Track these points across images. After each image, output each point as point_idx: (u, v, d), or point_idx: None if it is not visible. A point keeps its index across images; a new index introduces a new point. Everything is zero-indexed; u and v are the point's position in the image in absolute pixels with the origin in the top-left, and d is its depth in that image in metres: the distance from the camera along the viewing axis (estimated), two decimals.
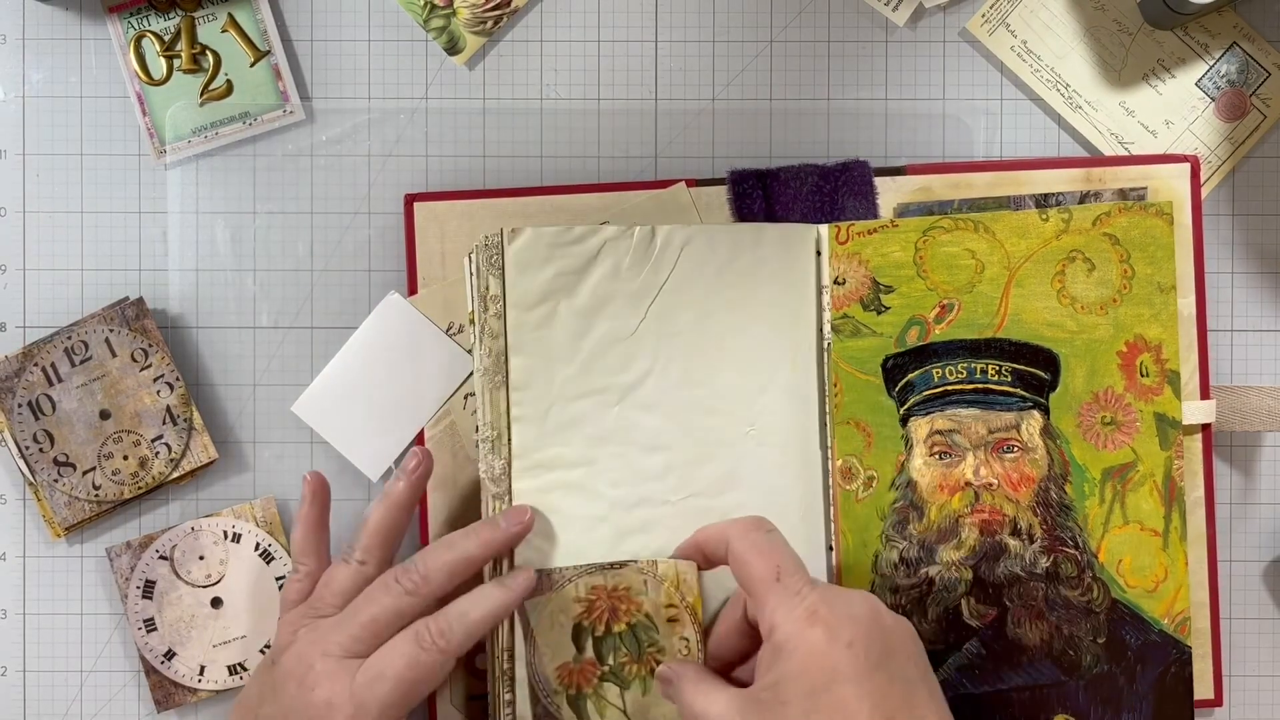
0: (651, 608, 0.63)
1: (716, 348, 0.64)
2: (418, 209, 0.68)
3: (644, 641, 0.63)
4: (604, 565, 0.63)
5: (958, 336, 0.64)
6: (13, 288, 0.70)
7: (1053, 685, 0.63)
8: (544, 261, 0.63)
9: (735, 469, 0.64)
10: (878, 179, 0.67)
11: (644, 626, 0.63)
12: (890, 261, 0.65)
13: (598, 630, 0.63)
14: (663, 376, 0.64)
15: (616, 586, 0.63)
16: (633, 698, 0.63)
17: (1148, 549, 0.63)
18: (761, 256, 0.65)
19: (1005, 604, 0.63)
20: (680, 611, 0.63)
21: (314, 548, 0.64)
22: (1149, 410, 0.63)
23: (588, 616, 0.63)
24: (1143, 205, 0.64)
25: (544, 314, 0.63)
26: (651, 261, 0.64)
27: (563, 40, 0.70)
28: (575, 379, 0.63)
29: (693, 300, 0.64)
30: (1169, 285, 0.63)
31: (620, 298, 0.64)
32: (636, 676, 0.63)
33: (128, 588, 0.68)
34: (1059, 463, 0.63)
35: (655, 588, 0.63)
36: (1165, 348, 0.63)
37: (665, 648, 0.63)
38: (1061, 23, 0.69)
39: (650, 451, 0.64)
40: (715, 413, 0.64)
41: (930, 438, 0.64)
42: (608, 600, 0.63)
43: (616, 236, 0.63)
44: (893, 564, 0.64)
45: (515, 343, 0.63)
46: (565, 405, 0.63)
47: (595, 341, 0.63)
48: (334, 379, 0.69)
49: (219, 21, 0.69)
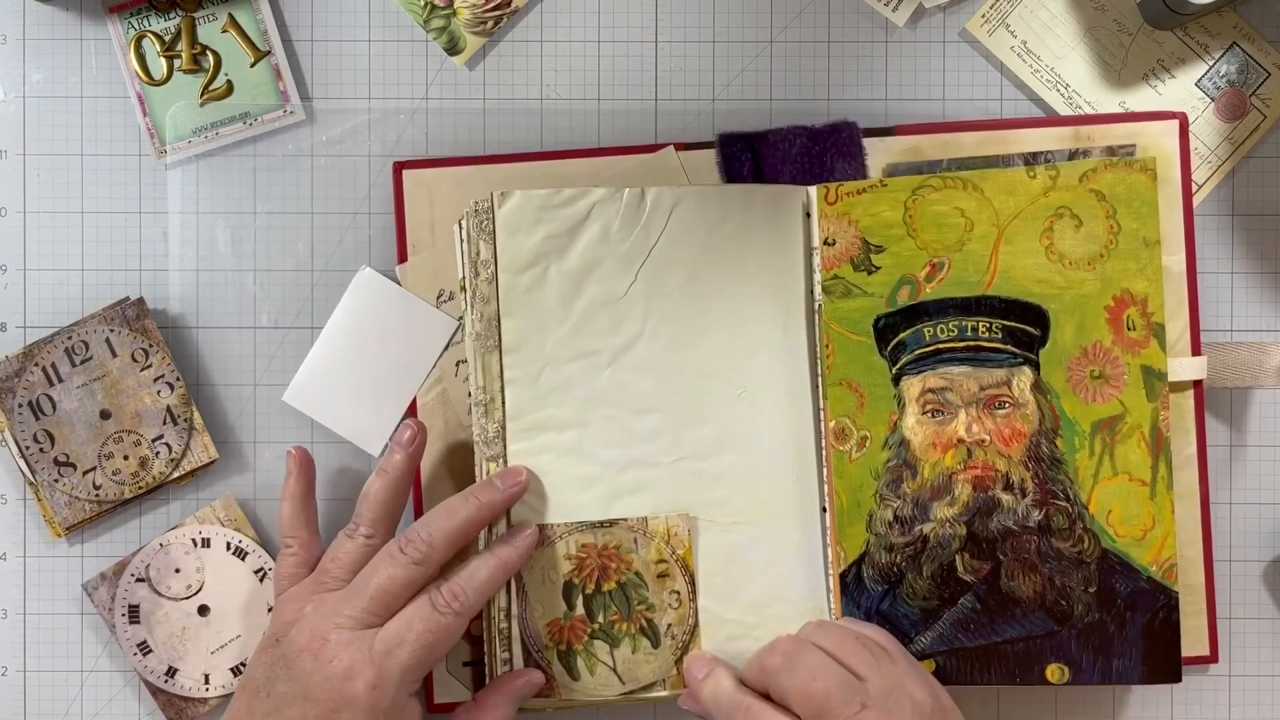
0: (641, 565, 0.64)
1: (707, 310, 0.65)
2: (406, 176, 0.68)
3: (634, 600, 0.64)
4: (594, 524, 0.64)
5: (948, 295, 0.65)
6: (13, 288, 0.70)
7: (1045, 635, 0.64)
8: (534, 224, 0.64)
9: (727, 431, 0.65)
10: (867, 140, 0.68)
11: (634, 584, 0.64)
12: (880, 221, 0.65)
13: (588, 588, 0.64)
14: (653, 339, 0.65)
15: (606, 545, 0.64)
16: (622, 655, 0.64)
17: (1136, 499, 0.64)
18: (751, 218, 0.65)
19: (999, 558, 0.64)
20: (671, 565, 0.64)
21: (304, 521, 0.65)
22: (1136, 363, 0.64)
23: (578, 574, 0.64)
24: (1127, 161, 0.64)
25: (535, 277, 0.64)
26: (641, 224, 0.64)
27: (563, 40, 0.70)
28: (566, 341, 0.64)
29: (683, 262, 0.65)
30: (1154, 240, 0.64)
31: (610, 260, 0.64)
32: (626, 634, 0.64)
33: (113, 618, 0.68)
34: (1049, 417, 0.64)
35: (645, 545, 0.64)
36: (1151, 301, 0.64)
37: (655, 604, 0.64)
38: (1061, 23, 0.69)
39: (642, 414, 0.65)
40: (706, 375, 0.65)
41: (922, 396, 0.65)
42: (598, 559, 0.64)
43: (606, 199, 0.64)
44: (887, 522, 0.65)
45: (506, 306, 0.64)
46: (557, 367, 0.64)
47: (586, 304, 0.64)
48: (320, 362, 0.69)
49: (219, 21, 0.69)
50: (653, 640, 0.64)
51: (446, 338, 0.69)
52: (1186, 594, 0.67)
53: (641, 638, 0.64)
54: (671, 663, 0.64)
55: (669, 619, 0.64)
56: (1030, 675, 0.64)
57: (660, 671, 0.64)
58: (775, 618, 0.64)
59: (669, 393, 0.65)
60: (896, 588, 0.65)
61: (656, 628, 0.64)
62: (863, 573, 0.65)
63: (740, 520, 0.65)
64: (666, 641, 0.64)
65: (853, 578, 0.65)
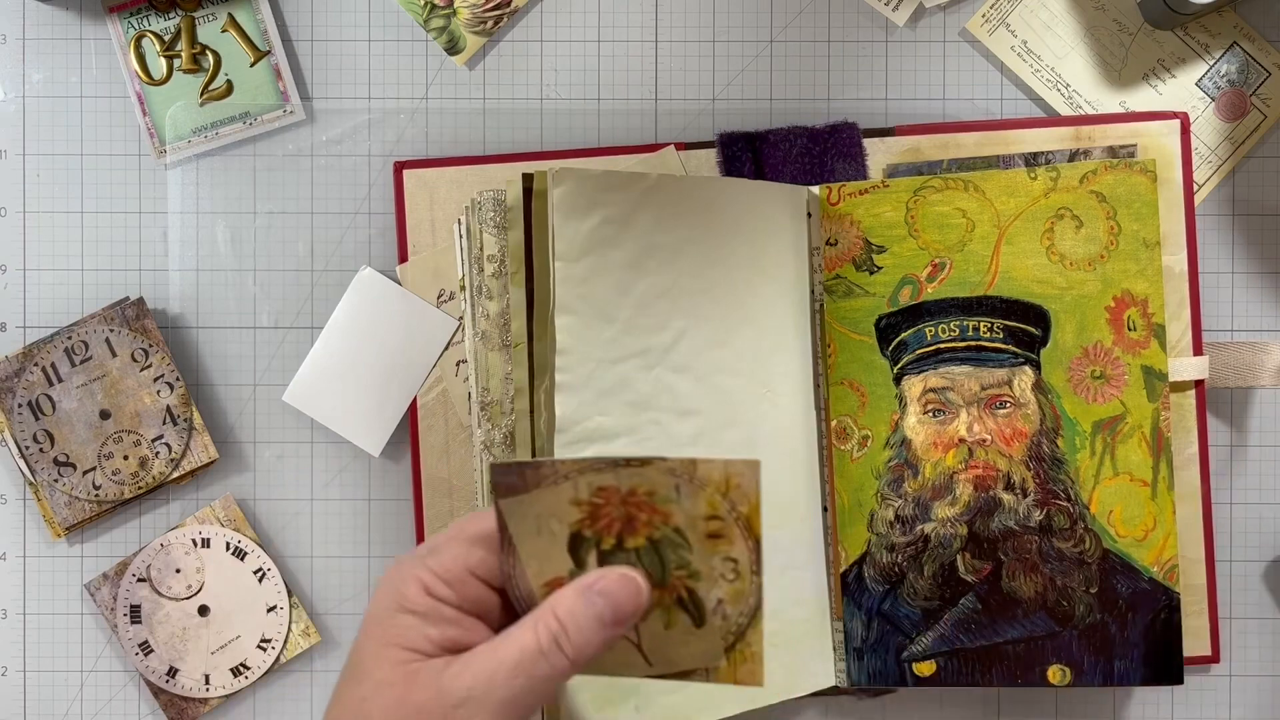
0: (684, 519, 0.49)
1: (737, 308, 0.63)
2: (406, 176, 0.68)
3: (670, 561, 0.49)
4: (617, 461, 0.48)
5: (950, 295, 0.65)
6: (13, 288, 0.70)
7: (1047, 636, 0.64)
8: (589, 208, 0.58)
9: (753, 431, 0.63)
10: (867, 140, 0.68)
11: (671, 543, 0.49)
12: (882, 221, 0.65)
13: (604, 542, 0.49)
14: (694, 337, 0.62)
15: (635, 490, 0.49)
16: (651, 629, 0.49)
17: (1137, 499, 0.64)
18: (770, 213, 0.64)
19: (1000, 558, 0.64)
20: (728, 525, 0.49)
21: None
22: (1136, 363, 0.64)
23: (591, 524, 0.49)
24: (1127, 163, 0.64)
25: (590, 266, 0.58)
26: (685, 213, 0.61)
27: (563, 40, 0.70)
28: (617, 340, 0.60)
29: (718, 256, 0.63)
30: (1154, 241, 0.64)
31: (661, 251, 0.61)
32: (658, 605, 0.49)
33: (115, 618, 0.68)
34: (1050, 417, 0.64)
35: (692, 495, 0.48)
36: (1151, 302, 0.64)
37: (701, 571, 0.49)
38: (1062, 23, 0.69)
39: (683, 416, 0.62)
40: (737, 374, 0.63)
41: (924, 396, 0.65)
42: (620, 506, 0.49)
43: (657, 185, 0.60)
44: (888, 522, 0.65)
45: (563, 301, 0.58)
46: (607, 369, 0.60)
47: (638, 298, 0.60)
48: (320, 362, 0.69)
49: (219, 21, 0.69)
50: (694, 617, 0.49)
51: (446, 338, 0.68)
52: (1188, 594, 0.67)
53: (679, 611, 0.49)
54: (720, 649, 0.49)
55: (720, 593, 0.49)
56: (1031, 676, 0.64)
57: (704, 658, 0.49)
58: (791, 622, 0.64)
59: (706, 393, 0.62)
60: (897, 587, 0.65)
61: (701, 602, 0.49)
62: (864, 573, 0.65)
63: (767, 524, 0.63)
64: (715, 621, 0.49)
65: (854, 578, 0.65)
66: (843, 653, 0.65)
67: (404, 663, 0.47)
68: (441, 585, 0.48)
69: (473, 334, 0.63)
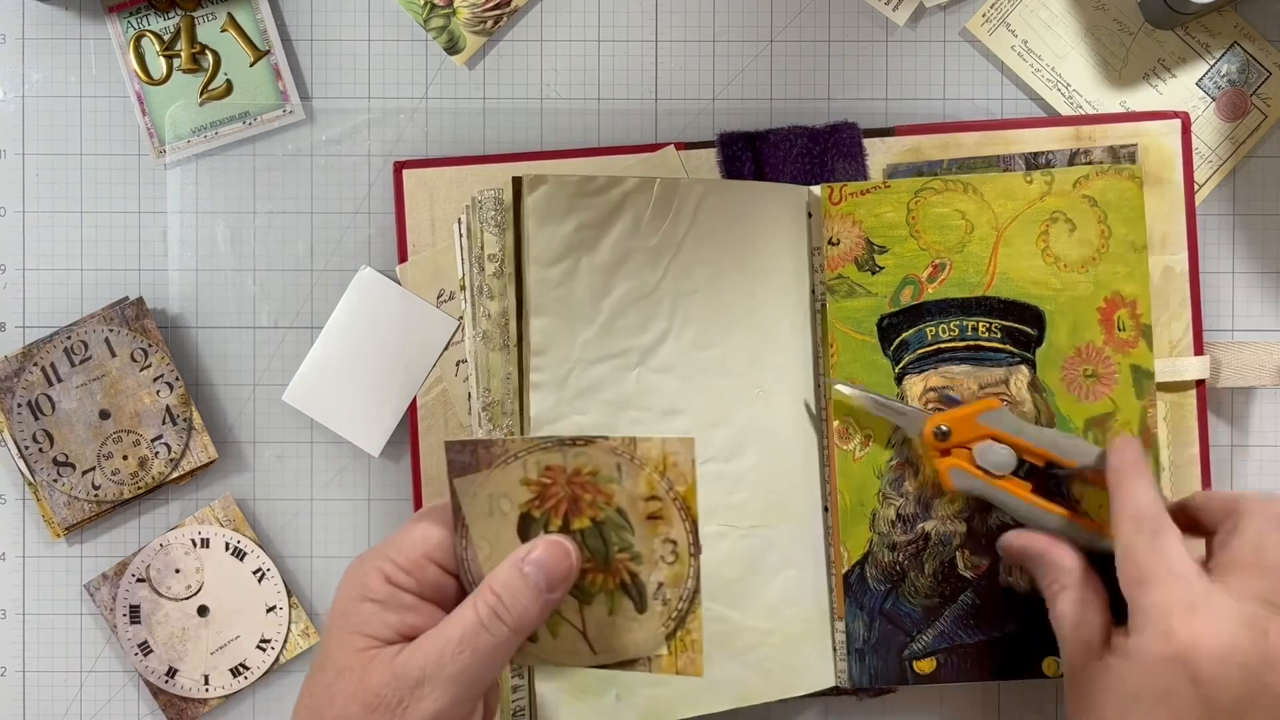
0: (625, 500, 0.50)
1: (728, 307, 0.63)
2: (406, 176, 0.68)
3: (613, 544, 0.50)
4: (563, 440, 0.49)
5: (950, 295, 0.65)
6: (13, 288, 0.70)
7: (1042, 629, 0.64)
8: (566, 213, 0.60)
9: (744, 432, 0.64)
10: (867, 140, 0.68)
11: (614, 524, 0.50)
12: (884, 222, 0.65)
13: (552, 524, 0.50)
14: (679, 338, 0.62)
15: (579, 469, 0.50)
16: (595, 616, 0.50)
17: None
18: (767, 215, 0.64)
19: (997, 554, 0.64)
20: (666, 505, 0.50)
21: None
22: (1126, 362, 0.65)
23: (539, 505, 0.50)
24: (1116, 169, 0.65)
25: (565, 270, 0.60)
26: (671, 216, 0.62)
27: (563, 40, 0.70)
28: (595, 341, 0.61)
29: (708, 258, 0.63)
30: (1141, 244, 0.65)
31: (641, 254, 0.61)
32: (601, 590, 0.50)
33: (114, 618, 0.68)
34: (1045, 415, 0.65)
35: (633, 474, 0.50)
36: (1139, 303, 0.65)
37: (642, 554, 0.50)
38: (1062, 22, 0.69)
39: (668, 416, 0.62)
40: (728, 374, 0.63)
41: (925, 395, 0.65)
42: (566, 486, 0.50)
43: (638, 188, 0.61)
44: (890, 521, 0.65)
45: (537, 303, 0.59)
46: (585, 369, 0.60)
47: (616, 300, 0.61)
48: (319, 361, 0.69)
49: (219, 21, 0.69)
50: (636, 602, 0.51)
51: (446, 338, 0.68)
52: None
53: (621, 596, 0.50)
54: (661, 637, 0.50)
55: (660, 576, 0.50)
56: (1027, 669, 0.64)
57: (645, 646, 0.50)
58: (788, 621, 0.64)
59: (693, 394, 0.62)
60: (899, 586, 0.65)
61: (642, 586, 0.50)
62: (866, 572, 0.65)
63: (759, 524, 0.64)
64: (655, 606, 0.50)
65: (856, 577, 0.65)
66: (844, 653, 0.65)
67: (364, 649, 0.50)
68: (401, 573, 0.51)
69: (473, 334, 0.63)
